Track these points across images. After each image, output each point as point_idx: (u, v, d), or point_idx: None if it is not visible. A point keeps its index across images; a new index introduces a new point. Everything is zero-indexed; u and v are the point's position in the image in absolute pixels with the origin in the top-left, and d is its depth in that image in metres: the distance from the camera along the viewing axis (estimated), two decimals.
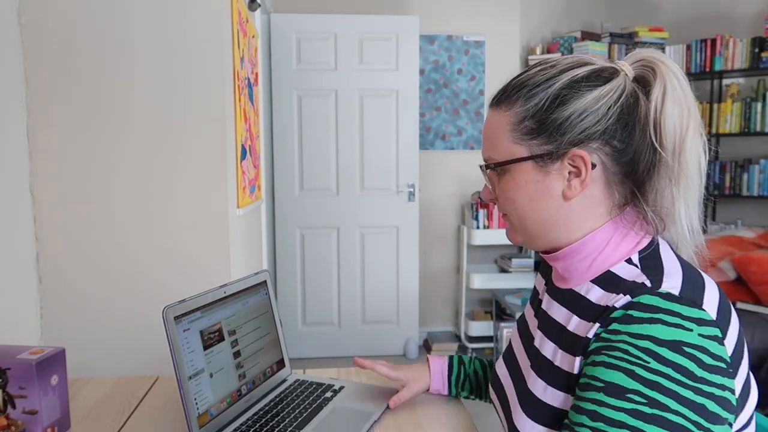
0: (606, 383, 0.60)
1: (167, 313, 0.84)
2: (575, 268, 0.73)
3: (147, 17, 1.44)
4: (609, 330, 0.62)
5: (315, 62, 3.29)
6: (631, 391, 0.58)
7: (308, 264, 3.41)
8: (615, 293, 0.65)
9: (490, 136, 0.74)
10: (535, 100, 0.69)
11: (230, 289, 0.99)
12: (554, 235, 0.73)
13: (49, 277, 1.46)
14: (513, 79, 0.73)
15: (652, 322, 0.59)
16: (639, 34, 3.83)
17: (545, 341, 0.75)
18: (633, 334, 0.59)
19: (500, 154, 0.73)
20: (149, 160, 1.47)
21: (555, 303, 0.77)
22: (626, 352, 0.59)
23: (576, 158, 0.68)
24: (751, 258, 2.98)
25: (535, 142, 0.69)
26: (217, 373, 0.92)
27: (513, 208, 0.74)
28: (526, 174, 0.71)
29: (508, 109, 0.71)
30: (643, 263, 0.67)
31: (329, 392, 1.05)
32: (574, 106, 0.67)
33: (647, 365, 0.58)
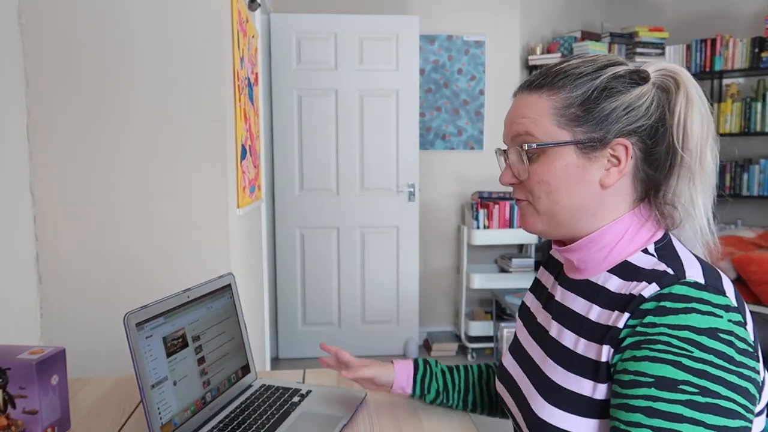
0: (655, 377, 0.60)
1: (128, 320, 0.82)
2: (591, 258, 0.75)
3: (147, 17, 1.44)
4: (645, 323, 0.63)
5: (315, 62, 3.29)
6: (682, 382, 0.59)
7: (308, 264, 3.41)
8: (636, 281, 0.68)
9: (529, 117, 0.74)
10: (582, 89, 0.72)
11: (194, 293, 0.96)
12: (580, 223, 0.74)
13: (49, 277, 1.46)
14: (553, 67, 0.75)
15: (688, 312, 0.61)
16: (639, 34, 3.83)
17: (564, 331, 0.76)
18: (671, 326, 0.61)
19: (542, 134, 0.73)
20: (149, 160, 1.47)
21: (570, 294, 0.79)
22: (669, 344, 0.61)
23: (619, 148, 0.71)
24: (751, 258, 2.98)
25: (580, 129, 0.72)
26: (180, 381, 0.89)
27: (545, 192, 0.74)
28: (567, 158, 0.72)
29: (552, 94, 0.73)
30: (659, 253, 0.71)
31: (296, 397, 1.03)
32: (620, 100, 0.71)
33: (691, 354, 0.59)
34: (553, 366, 0.75)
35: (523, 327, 0.90)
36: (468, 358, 3.43)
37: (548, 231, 0.77)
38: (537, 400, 0.75)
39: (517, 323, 0.94)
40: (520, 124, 0.75)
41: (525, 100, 0.75)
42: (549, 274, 0.90)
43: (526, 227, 0.79)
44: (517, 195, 0.78)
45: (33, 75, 1.41)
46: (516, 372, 0.84)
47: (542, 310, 0.86)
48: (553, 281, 0.87)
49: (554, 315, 0.81)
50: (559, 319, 0.79)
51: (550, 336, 0.79)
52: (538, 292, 0.91)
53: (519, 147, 0.74)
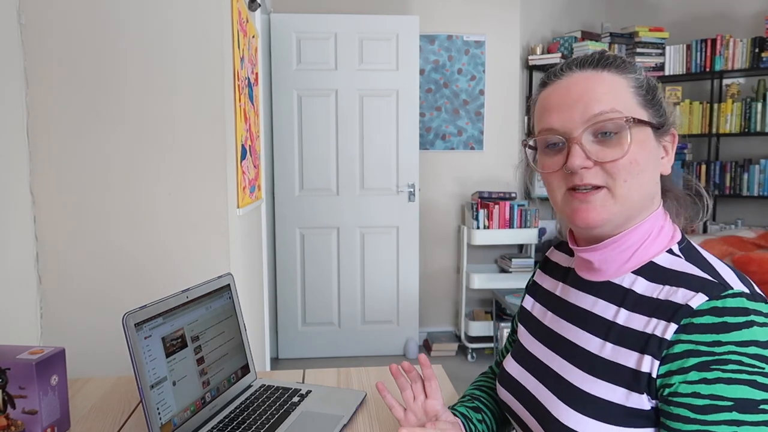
0: (735, 400, 0.58)
1: (127, 320, 0.81)
2: (615, 258, 0.72)
3: (147, 17, 1.44)
4: (709, 342, 0.60)
5: (315, 62, 3.29)
6: (762, 401, 0.58)
7: (308, 264, 3.41)
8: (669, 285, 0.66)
9: (611, 92, 0.68)
10: (642, 76, 0.71)
11: (193, 293, 0.96)
12: (641, 213, 0.71)
13: (49, 277, 1.46)
14: (603, 52, 0.73)
15: (749, 326, 0.60)
16: (639, 34, 3.83)
17: (584, 335, 0.73)
18: (738, 343, 0.59)
19: (628, 112, 0.68)
20: (149, 160, 1.47)
21: (588, 296, 0.75)
22: (740, 363, 0.59)
23: (669, 137, 0.72)
24: (751, 258, 2.98)
25: (652, 112, 0.70)
26: (180, 381, 0.89)
27: (635, 173, 0.67)
28: (651, 139, 0.70)
29: (626, 73, 0.70)
30: (685, 254, 0.69)
31: (296, 397, 1.03)
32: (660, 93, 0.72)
33: (764, 371, 0.58)
34: (574, 370, 0.72)
35: (527, 332, 0.86)
36: (468, 358, 3.43)
37: (613, 221, 0.69)
38: (559, 407, 0.71)
39: (519, 329, 0.90)
40: (603, 101, 0.67)
41: (598, 77, 0.69)
42: (551, 278, 0.87)
43: (591, 219, 0.69)
44: (592, 180, 0.68)
45: (33, 75, 1.41)
46: (525, 378, 0.81)
47: (550, 313, 0.82)
48: (560, 285, 0.83)
49: (569, 318, 0.77)
50: (577, 322, 0.75)
51: (565, 339, 0.76)
52: (541, 297, 0.87)
53: (620, 120, 0.66)
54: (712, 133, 3.74)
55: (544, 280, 0.89)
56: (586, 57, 0.72)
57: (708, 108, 3.76)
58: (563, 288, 0.82)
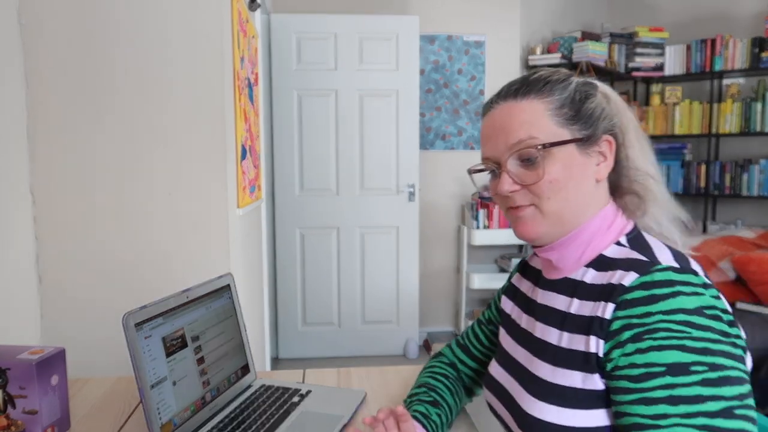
0: (667, 365, 0.62)
1: (127, 320, 0.81)
2: (569, 256, 0.79)
3: (147, 17, 1.44)
4: (640, 314, 0.65)
5: (315, 62, 3.29)
6: (692, 363, 0.62)
7: (308, 264, 3.41)
8: (611, 271, 0.72)
9: (527, 121, 0.76)
10: (567, 92, 0.77)
11: (193, 293, 0.96)
12: (578, 219, 0.77)
13: (49, 277, 1.46)
14: (528, 77, 0.79)
15: (675, 295, 0.65)
16: (639, 34, 3.83)
17: (547, 329, 0.79)
18: (666, 311, 0.64)
19: (545, 136, 0.75)
20: (149, 160, 1.47)
21: (551, 293, 0.81)
22: (668, 330, 0.63)
23: (604, 144, 0.78)
24: (751, 258, 2.97)
25: (575, 127, 0.76)
26: (180, 381, 0.89)
27: (555, 191, 0.75)
28: (571, 156, 0.75)
29: (543, 97, 0.76)
30: (631, 243, 0.76)
31: (296, 397, 1.03)
32: (595, 101, 0.78)
33: (691, 335, 0.63)
34: (540, 364, 0.77)
35: (507, 335, 0.91)
36: None
37: (549, 233, 0.78)
38: (526, 399, 0.76)
39: (501, 333, 0.94)
40: (521, 130, 0.75)
41: (516, 107, 0.77)
42: (527, 281, 0.92)
43: (526, 234, 0.78)
44: (518, 202, 0.77)
45: (33, 75, 1.41)
46: (504, 378, 0.85)
47: (524, 315, 0.87)
48: (532, 287, 0.89)
49: (537, 317, 0.83)
50: (543, 319, 0.81)
51: (535, 337, 0.81)
52: (519, 301, 0.92)
53: (532, 148, 0.74)
54: (711, 133, 3.74)
55: (522, 283, 0.94)
56: (509, 87, 0.79)
57: (708, 108, 3.76)
58: (534, 290, 0.88)
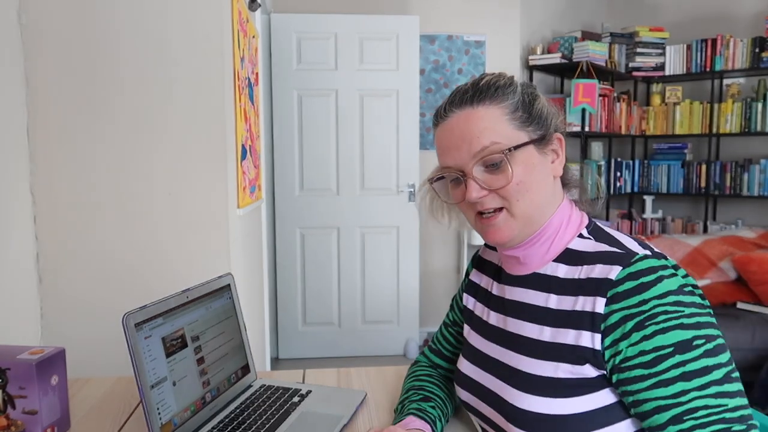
0: (674, 345, 0.67)
1: (127, 320, 0.81)
2: (536, 252, 0.81)
3: (147, 17, 1.44)
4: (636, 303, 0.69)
5: (315, 62, 3.29)
6: (693, 338, 0.67)
7: (308, 264, 3.41)
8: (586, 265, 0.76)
9: (487, 128, 0.77)
10: (516, 95, 0.79)
11: (193, 293, 0.96)
12: (544, 217, 0.80)
13: (49, 277, 1.46)
14: (477, 82, 0.80)
15: (660, 280, 0.69)
16: (639, 34, 3.83)
17: (523, 324, 0.81)
18: (658, 296, 0.69)
19: (506, 140, 0.77)
20: (149, 159, 1.47)
21: (520, 289, 0.84)
22: (666, 313, 0.68)
23: (557, 141, 0.81)
24: (751, 258, 2.97)
25: (530, 129, 0.78)
26: (180, 381, 0.89)
27: (524, 192, 0.77)
28: (532, 157, 0.78)
29: (498, 102, 0.78)
30: (594, 235, 0.80)
31: (296, 397, 1.02)
32: (541, 101, 0.81)
33: (684, 313, 0.68)
34: (520, 359, 0.79)
35: (475, 333, 0.92)
36: None
37: (520, 235, 0.79)
38: (513, 393, 0.78)
39: (466, 330, 0.95)
40: (483, 136, 0.76)
41: (473, 114, 0.78)
42: (486, 276, 0.94)
43: (500, 239, 0.79)
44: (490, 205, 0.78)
45: (33, 75, 1.41)
46: (480, 376, 0.86)
47: (492, 312, 0.89)
48: (494, 283, 0.90)
49: (509, 313, 0.85)
50: (516, 315, 0.83)
51: (509, 333, 0.83)
52: (481, 297, 0.93)
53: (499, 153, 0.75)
54: (712, 133, 3.74)
55: (481, 278, 0.95)
56: (462, 94, 0.80)
57: (708, 108, 3.75)
58: (498, 287, 0.89)
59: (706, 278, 3.12)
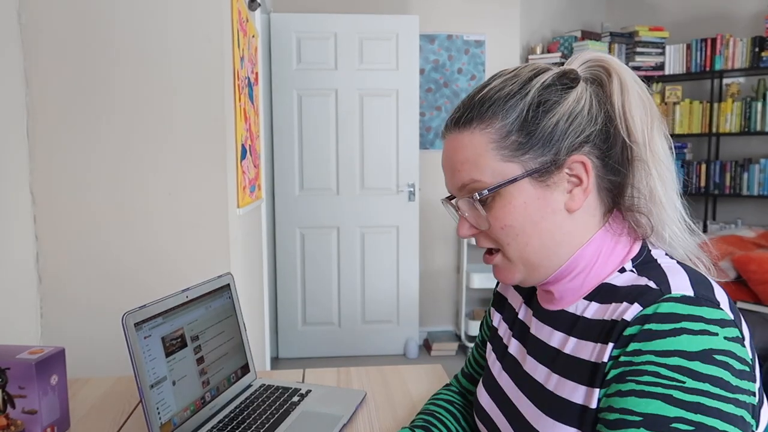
0: (644, 416, 0.53)
1: (127, 320, 0.81)
2: (567, 288, 0.67)
3: (147, 17, 1.44)
4: (629, 351, 0.55)
5: (315, 62, 3.29)
6: (674, 419, 0.51)
7: (308, 264, 3.41)
8: (615, 302, 0.60)
9: (468, 160, 0.65)
10: (516, 111, 0.63)
11: (192, 293, 0.96)
12: (556, 258, 0.66)
13: (49, 277, 1.46)
14: (476, 95, 0.66)
15: (676, 334, 0.53)
16: (639, 34, 3.83)
17: (537, 366, 0.69)
18: (659, 352, 0.53)
19: (489, 176, 0.64)
20: (149, 159, 1.47)
21: (546, 327, 0.70)
22: (657, 375, 0.53)
23: (576, 165, 0.63)
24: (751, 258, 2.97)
25: (528, 156, 0.63)
26: (179, 381, 0.89)
27: (512, 237, 0.65)
28: (524, 193, 0.63)
29: (485, 127, 0.64)
30: (639, 268, 0.63)
31: (296, 396, 1.03)
32: (560, 111, 0.63)
33: (683, 386, 0.52)
34: (526, 404, 0.68)
35: (494, 356, 0.81)
36: None
37: (528, 278, 0.68)
38: None
39: (488, 349, 0.83)
40: (462, 171, 0.65)
41: (457, 141, 0.66)
42: (515, 292, 0.82)
43: (504, 280, 0.69)
44: (483, 244, 0.69)
45: (33, 75, 1.41)
46: (493, 411, 0.76)
47: (514, 340, 0.77)
48: (524, 307, 0.78)
49: (529, 349, 0.72)
50: (533, 353, 0.71)
51: (523, 371, 0.72)
52: (507, 316, 0.82)
53: (470, 197, 0.65)
54: (712, 132, 3.74)
55: (508, 292, 0.84)
56: (453, 114, 0.68)
57: (708, 107, 3.75)
58: (527, 313, 0.77)
59: None
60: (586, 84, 0.65)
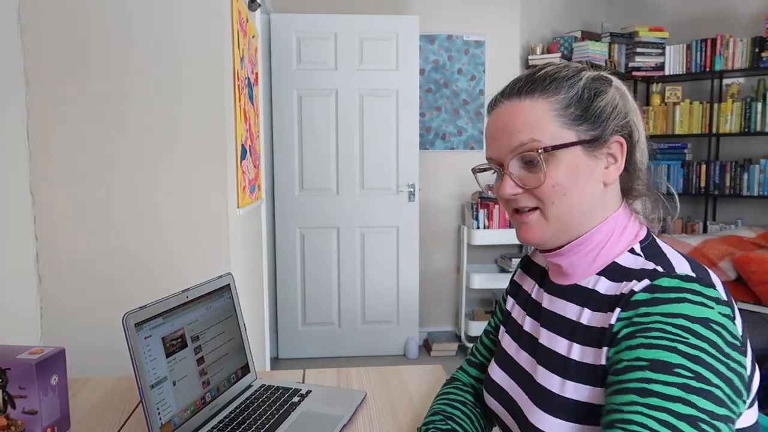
0: (650, 361, 0.60)
1: (127, 320, 0.82)
2: (580, 262, 0.75)
3: (147, 17, 1.44)
4: (639, 314, 0.64)
5: (315, 62, 3.29)
6: (678, 365, 0.59)
7: (308, 264, 3.41)
8: (627, 281, 0.69)
9: (529, 123, 0.72)
10: (575, 89, 0.73)
11: (193, 293, 0.96)
12: (585, 225, 0.74)
13: (49, 277, 1.46)
14: (535, 73, 0.75)
15: (680, 301, 0.62)
16: (639, 34, 3.83)
17: (555, 338, 0.76)
18: (665, 314, 0.62)
19: (549, 138, 0.72)
20: (149, 160, 1.47)
21: (560, 300, 0.78)
22: (664, 331, 0.61)
23: (614, 145, 0.74)
24: (751, 258, 2.97)
25: (582, 128, 0.72)
26: (180, 381, 0.89)
27: (559, 195, 0.72)
28: (576, 158, 0.72)
29: (549, 96, 0.73)
30: (646, 252, 0.72)
31: (296, 397, 1.03)
32: (606, 99, 0.74)
33: (687, 341, 0.60)
34: (547, 374, 0.74)
35: (509, 337, 0.87)
36: None
37: (554, 239, 0.75)
38: (535, 413, 0.73)
39: (500, 332, 0.90)
40: (523, 132, 0.72)
41: (519, 106, 0.74)
42: (530, 279, 0.89)
43: (530, 238, 0.75)
44: (524, 203, 0.74)
45: (33, 75, 1.41)
46: (509, 385, 0.82)
47: (528, 318, 0.84)
48: (537, 287, 0.85)
49: (543, 323, 0.79)
50: (550, 326, 0.78)
51: (540, 344, 0.78)
52: (521, 299, 0.89)
53: (534, 152, 0.71)
54: (712, 132, 3.74)
55: (525, 280, 0.91)
56: (513, 85, 0.76)
57: (708, 108, 3.75)
58: (539, 292, 0.84)
59: None
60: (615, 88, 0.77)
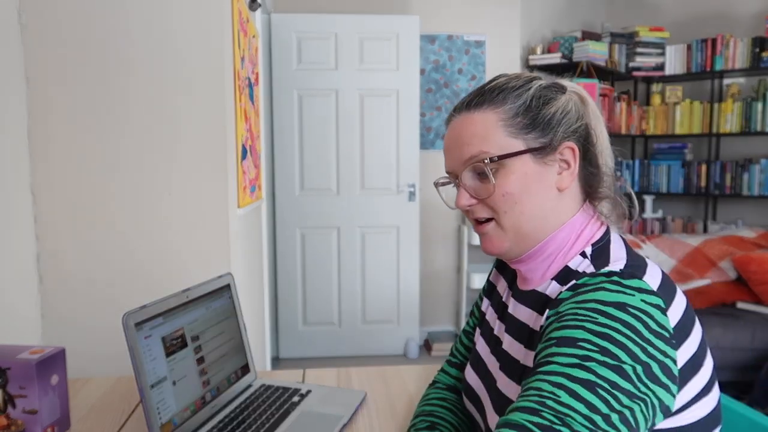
0: (557, 338, 0.62)
1: (127, 320, 0.82)
2: (537, 267, 0.77)
3: (147, 17, 1.44)
4: (559, 310, 0.65)
5: (315, 62, 3.29)
6: (582, 340, 0.60)
7: (308, 264, 3.41)
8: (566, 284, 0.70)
9: (478, 134, 0.74)
10: (522, 99, 0.75)
11: (193, 293, 0.96)
12: (542, 232, 0.75)
13: (49, 277, 1.46)
14: (484, 86, 0.78)
15: (596, 290, 0.63)
16: (639, 34, 3.83)
17: (515, 344, 0.76)
18: (579, 301, 0.63)
19: (497, 148, 0.73)
20: (149, 160, 1.47)
21: (520, 306, 0.79)
22: (574, 314, 0.62)
23: (566, 151, 0.75)
24: (751, 258, 2.97)
25: (531, 136, 0.74)
26: (180, 381, 0.89)
27: (510, 204, 0.73)
28: (525, 167, 0.73)
29: (496, 107, 0.74)
30: (594, 254, 0.73)
31: (296, 397, 1.03)
32: (556, 105, 0.75)
33: (595, 320, 0.60)
34: (506, 381, 0.75)
35: (480, 336, 0.88)
36: None
37: (513, 248, 0.76)
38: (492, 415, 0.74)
39: (476, 333, 0.91)
40: (472, 144, 0.74)
41: (468, 119, 0.76)
42: (504, 281, 0.89)
43: (491, 249, 0.77)
44: (479, 214, 0.76)
45: (33, 75, 1.41)
46: (479, 387, 0.83)
47: (498, 321, 0.85)
48: (507, 290, 0.86)
49: (507, 327, 0.80)
50: (511, 332, 0.78)
51: (503, 350, 0.79)
52: (495, 301, 0.89)
53: (481, 163, 0.73)
54: (712, 132, 3.74)
55: (499, 281, 0.91)
56: (466, 97, 0.78)
57: (708, 108, 3.75)
58: (508, 295, 0.85)
59: (706, 278, 3.12)
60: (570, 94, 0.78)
